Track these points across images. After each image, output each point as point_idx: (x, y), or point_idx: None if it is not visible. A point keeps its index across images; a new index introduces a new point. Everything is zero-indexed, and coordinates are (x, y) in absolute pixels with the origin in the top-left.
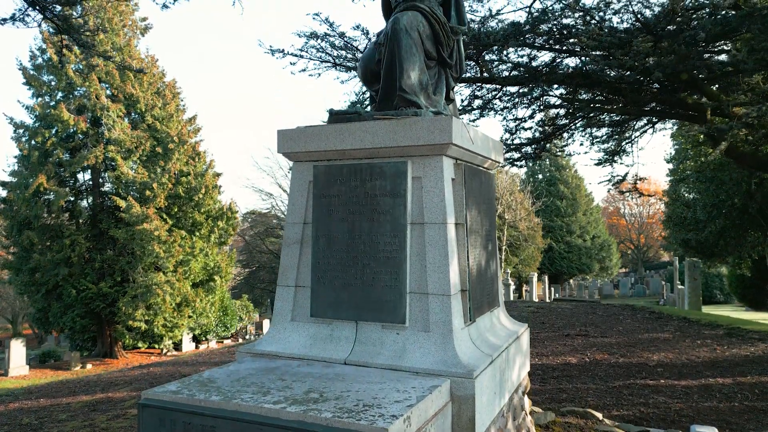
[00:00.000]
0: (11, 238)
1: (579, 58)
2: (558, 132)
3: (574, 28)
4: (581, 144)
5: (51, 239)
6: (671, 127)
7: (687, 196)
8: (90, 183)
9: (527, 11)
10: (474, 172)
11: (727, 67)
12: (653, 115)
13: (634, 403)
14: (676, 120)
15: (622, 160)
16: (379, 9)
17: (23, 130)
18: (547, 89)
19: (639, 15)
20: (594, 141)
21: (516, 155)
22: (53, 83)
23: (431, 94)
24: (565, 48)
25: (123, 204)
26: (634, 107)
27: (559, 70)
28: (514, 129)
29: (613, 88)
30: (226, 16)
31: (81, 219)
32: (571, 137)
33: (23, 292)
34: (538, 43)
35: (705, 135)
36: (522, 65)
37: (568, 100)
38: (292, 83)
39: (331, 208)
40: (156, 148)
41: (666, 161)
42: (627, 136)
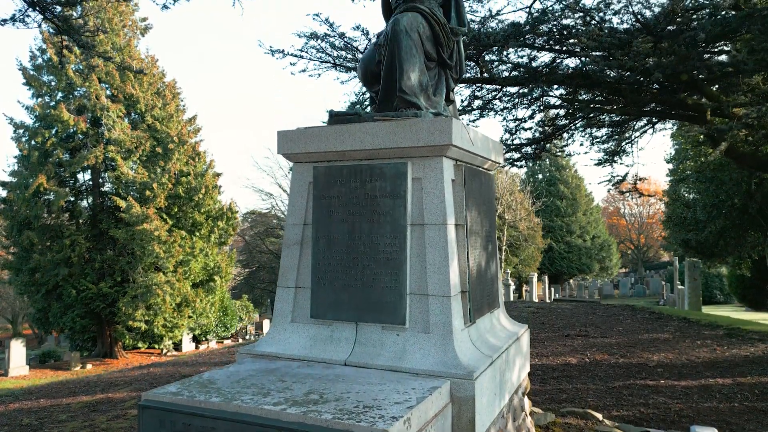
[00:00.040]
0: (11, 238)
1: (579, 58)
2: (558, 132)
3: (574, 28)
4: (581, 144)
5: (51, 239)
6: (671, 128)
7: (687, 196)
8: (90, 183)
9: (527, 12)
10: (474, 173)
11: (727, 68)
12: (653, 116)
13: (634, 404)
14: (676, 120)
15: (622, 160)
16: (379, 9)
17: (23, 130)
18: (547, 90)
19: (639, 15)
20: (594, 141)
21: (516, 155)
22: (53, 83)
23: (431, 95)
24: (565, 48)
25: (123, 204)
26: (634, 108)
27: (559, 70)
28: (514, 129)
29: (613, 88)
30: (226, 16)
31: (81, 219)
32: (571, 137)
33: (23, 292)
34: (538, 44)
35: (705, 135)
36: (522, 66)
37: (568, 100)
38: (292, 83)
39: (331, 209)
40: (156, 148)
41: (666, 161)
42: (627, 136)
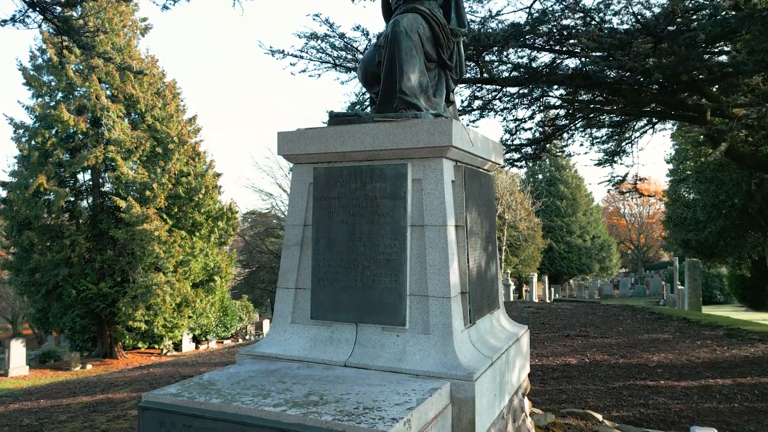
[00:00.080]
0: (11, 238)
1: (579, 59)
2: (558, 132)
3: (574, 29)
4: (581, 144)
5: (51, 239)
6: (671, 128)
7: (687, 196)
8: (90, 183)
9: (527, 12)
10: (474, 174)
11: (727, 68)
12: (653, 116)
13: (633, 404)
14: (676, 121)
15: (622, 160)
16: (379, 9)
17: (23, 130)
18: (547, 90)
19: (639, 16)
20: (594, 141)
21: (516, 156)
22: (53, 84)
23: (431, 96)
24: (565, 49)
25: (123, 204)
26: (634, 108)
27: (559, 70)
28: (514, 129)
29: (613, 88)
30: (226, 16)
31: (81, 219)
32: (571, 138)
33: (23, 292)
34: (538, 44)
35: (705, 136)
36: (522, 66)
37: (568, 100)
38: (292, 83)
39: (331, 210)
40: (156, 148)
41: (666, 161)
42: (627, 136)
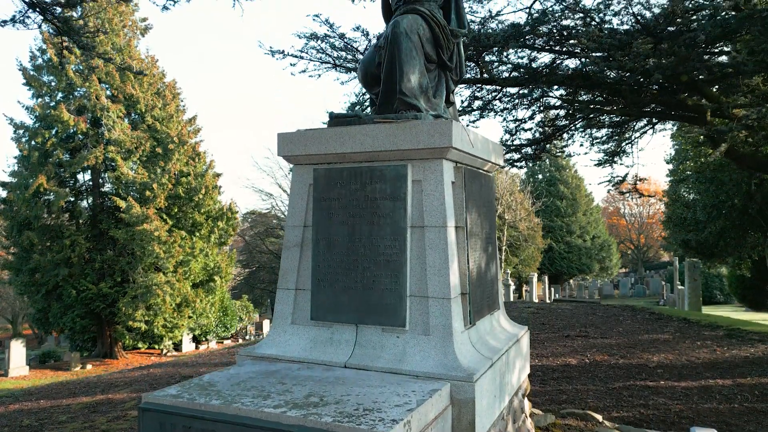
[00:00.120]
0: (11, 238)
1: (579, 59)
2: (558, 133)
3: (574, 29)
4: (581, 145)
5: (51, 240)
6: (671, 128)
7: (687, 196)
8: (90, 183)
9: (527, 12)
10: (474, 175)
11: (727, 69)
12: (653, 116)
13: (633, 405)
14: (676, 121)
15: (622, 160)
16: (379, 10)
17: (23, 130)
18: (547, 90)
19: (639, 17)
20: (594, 142)
21: (516, 156)
22: (53, 84)
23: (431, 97)
24: (565, 49)
25: (123, 204)
26: (634, 108)
27: (559, 71)
28: (514, 130)
29: (613, 89)
30: (226, 16)
31: (81, 219)
32: (571, 138)
33: (23, 292)
34: (538, 45)
35: (705, 136)
36: (522, 66)
37: (568, 101)
38: (292, 83)
39: (332, 211)
40: (156, 148)
41: (666, 162)
42: (627, 136)
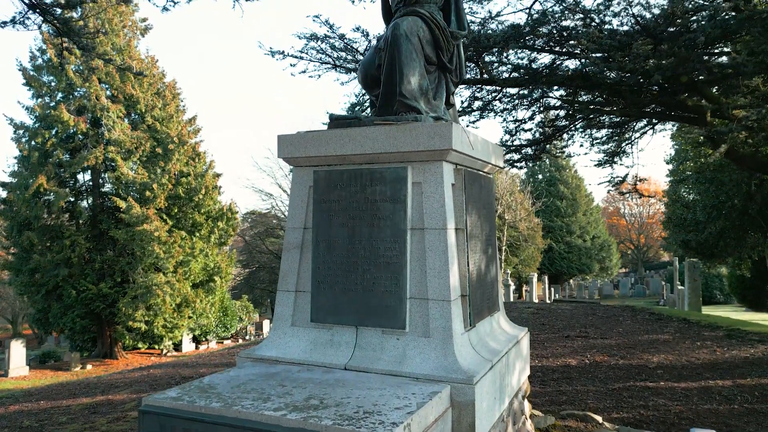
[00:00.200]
0: (11, 238)
1: (579, 60)
2: (558, 133)
3: (573, 30)
4: (581, 145)
5: (51, 240)
6: (671, 128)
7: (687, 197)
8: (90, 184)
9: (527, 13)
10: (474, 176)
11: (727, 70)
12: (653, 117)
13: (633, 406)
14: (675, 122)
15: (621, 161)
16: (379, 10)
17: (23, 130)
18: (547, 91)
19: (639, 17)
20: (594, 142)
21: (516, 156)
22: (53, 84)
23: (431, 99)
24: (565, 50)
25: (123, 205)
26: (633, 109)
27: (559, 71)
28: (514, 130)
29: (613, 90)
30: (226, 16)
31: (81, 220)
32: (571, 138)
33: (23, 292)
34: (538, 45)
35: (705, 137)
36: (522, 67)
37: (568, 101)
38: (292, 83)
39: (332, 213)
40: (156, 148)
41: (666, 162)
42: (627, 137)
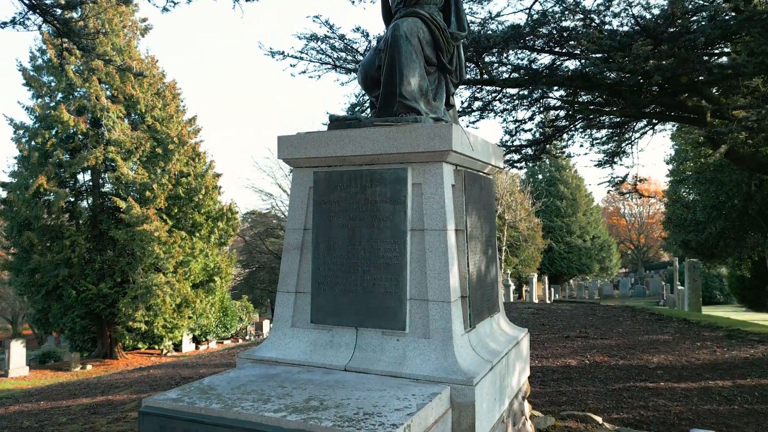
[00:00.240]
0: (11, 238)
1: (579, 60)
2: (558, 133)
3: (573, 30)
4: (581, 145)
5: (51, 240)
6: (671, 129)
7: (687, 197)
8: (90, 184)
9: (527, 13)
10: (474, 177)
11: (727, 70)
12: (653, 117)
13: (633, 406)
14: (675, 122)
15: (621, 161)
16: (379, 11)
17: (23, 131)
18: (547, 91)
19: (639, 18)
20: (594, 142)
21: (516, 156)
22: (53, 84)
23: (431, 100)
24: (565, 50)
25: (123, 205)
26: (633, 109)
27: (559, 72)
28: (514, 131)
29: (613, 90)
30: (226, 16)
31: (81, 220)
32: (571, 139)
33: (23, 292)
34: (538, 46)
35: (705, 138)
36: (522, 67)
37: (568, 102)
38: (292, 83)
39: (332, 214)
40: (156, 148)
41: (666, 162)
42: (627, 137)
